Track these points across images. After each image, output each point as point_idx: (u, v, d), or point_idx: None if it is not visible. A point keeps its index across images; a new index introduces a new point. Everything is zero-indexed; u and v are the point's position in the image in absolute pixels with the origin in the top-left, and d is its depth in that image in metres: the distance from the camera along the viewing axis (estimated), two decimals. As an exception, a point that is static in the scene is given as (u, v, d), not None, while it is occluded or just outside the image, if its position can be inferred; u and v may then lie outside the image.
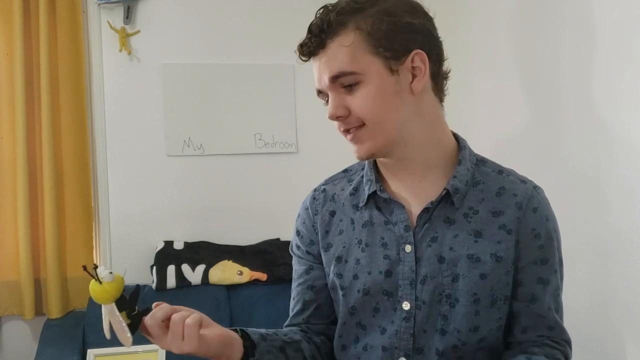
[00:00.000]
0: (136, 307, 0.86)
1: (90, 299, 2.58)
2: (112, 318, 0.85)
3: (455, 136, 1.05)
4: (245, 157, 2.76)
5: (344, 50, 0.92)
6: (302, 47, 0.96)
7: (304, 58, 0.97)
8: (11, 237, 2.46)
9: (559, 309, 1.02)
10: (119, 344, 0.87)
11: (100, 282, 0.83)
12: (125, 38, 2.60)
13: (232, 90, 2.73)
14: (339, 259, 1.04)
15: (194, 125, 2.70)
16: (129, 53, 2.62)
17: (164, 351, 1.82)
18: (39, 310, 2.49)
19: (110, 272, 0.83)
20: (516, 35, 2.02)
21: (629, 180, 1.55)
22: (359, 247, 1.02)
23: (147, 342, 0.90)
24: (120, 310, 0.85)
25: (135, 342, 0.88)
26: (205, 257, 2.57)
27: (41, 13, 2.43)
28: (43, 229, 2.47)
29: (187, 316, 0.87)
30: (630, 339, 1.58)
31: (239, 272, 2.54)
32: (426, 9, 0.97)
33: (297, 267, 1.13)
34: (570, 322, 1.18)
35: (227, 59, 2.73)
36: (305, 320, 1.11)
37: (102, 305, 0.85)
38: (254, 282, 2.54)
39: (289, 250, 1.16)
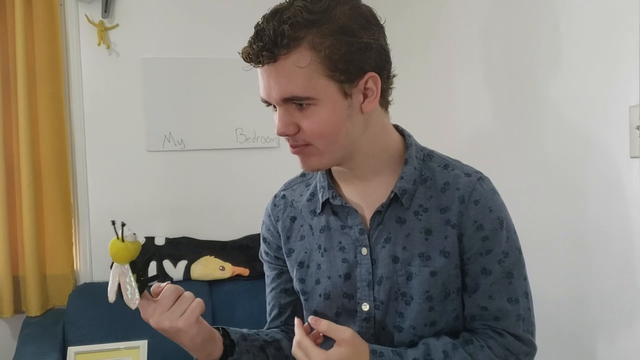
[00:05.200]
0: (147, 273, 0.90)
1: (70, 297, 2.56)
2: (122, 279, 0.87)
3: (402, 132, 1.04)
4: (227, 152, 2.75)
5: (299, 72, 0.87)
6: (249, 55, 0.90)
7: (247, 68, 0.94)
8: (-12, 234, 2.42)
9: (514, 298, 0.98)
10: (101, 340, 0.87)
11: (123, 240, 0.85)
12: (103, 32, 2.56)
13: (213, 85, 2.72)
14: (300, 264, 1.05)
15: (175, 120, 2.68)
16: (108, 47, 2.58)
17: (145, 348, 1.82)
18: (17, 308, 2.45)
19: (134, 234, 0.87)
20: (492, 34, 2.03)
21: (605, 174, 1.58)
22: (319, 252, 1.03)
23: (130, 338, 0.91)
24: (133, 272, 0.88)
25: (118, 338, 0.89)
26: (187, 253, 2.56)
27: (17, 6, 2.39)
28: (21, 226, 2.43)
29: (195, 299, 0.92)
30: (607, 332, 1.61)
31: (221, 268, 2.53)
32: (378, 17, 0.93)
33: (268, 272, 1.14)
34: (549, 315, 1.20)
35: (208, 53, 2.71)
36: (284, 322, 1.12)
37: (114, 265, 0.88)
38: (236, 278, 2.55)
39: (259, 256, 1.17)
